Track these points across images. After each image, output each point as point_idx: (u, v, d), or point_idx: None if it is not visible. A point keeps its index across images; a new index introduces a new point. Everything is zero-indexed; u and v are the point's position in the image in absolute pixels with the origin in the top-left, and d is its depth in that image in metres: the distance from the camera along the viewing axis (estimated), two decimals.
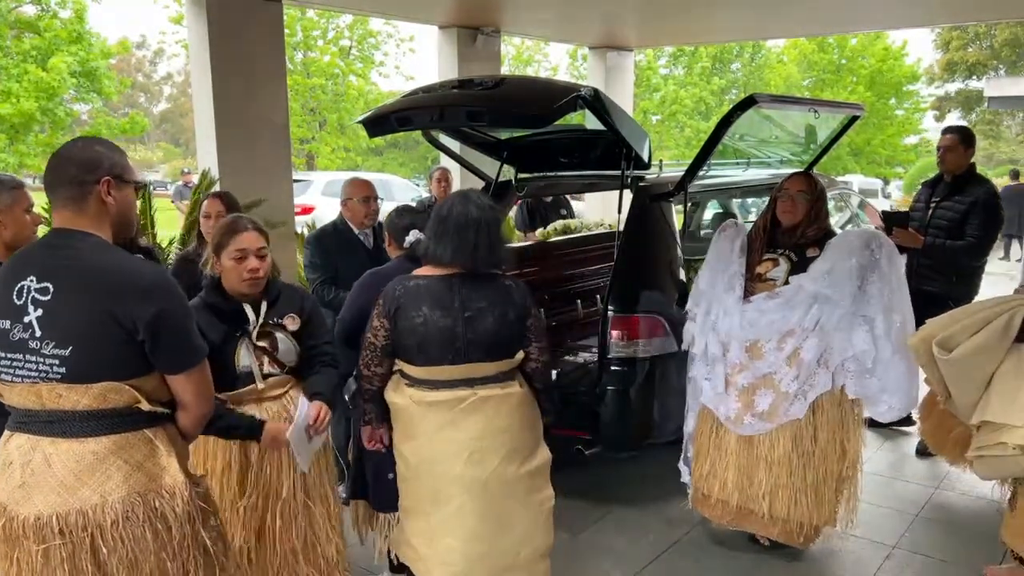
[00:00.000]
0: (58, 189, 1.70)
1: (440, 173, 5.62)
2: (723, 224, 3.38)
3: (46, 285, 1.64)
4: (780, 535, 3.05)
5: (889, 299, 2.88)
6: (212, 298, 2.34)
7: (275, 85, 5.22)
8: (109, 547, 1.64)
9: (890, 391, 2.91)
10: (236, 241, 2.32)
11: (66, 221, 1.70)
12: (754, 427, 2.98)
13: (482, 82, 3.28)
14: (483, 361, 2.28)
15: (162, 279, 1.72)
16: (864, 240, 2.94)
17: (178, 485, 1.73)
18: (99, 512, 1.64)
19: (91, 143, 1.76)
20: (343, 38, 22.79)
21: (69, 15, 14.94)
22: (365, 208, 3.57)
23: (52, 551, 1.63)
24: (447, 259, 2.27)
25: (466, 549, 2.29)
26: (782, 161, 5.04)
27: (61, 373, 1.63)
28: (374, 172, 21.69)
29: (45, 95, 14.20)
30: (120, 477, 1.67)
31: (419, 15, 7.23)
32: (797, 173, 3.22)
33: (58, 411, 1.65)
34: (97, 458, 1.66)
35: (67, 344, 1.62)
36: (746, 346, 3.01)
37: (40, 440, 1.68)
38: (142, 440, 1.71)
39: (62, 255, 1.67)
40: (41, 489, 1.65)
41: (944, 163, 3.99)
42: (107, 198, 1.71)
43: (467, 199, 2.33)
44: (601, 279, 4.61)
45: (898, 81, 24.89)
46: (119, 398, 1.67)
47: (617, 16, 7.29)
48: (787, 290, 2.97)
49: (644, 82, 23.98)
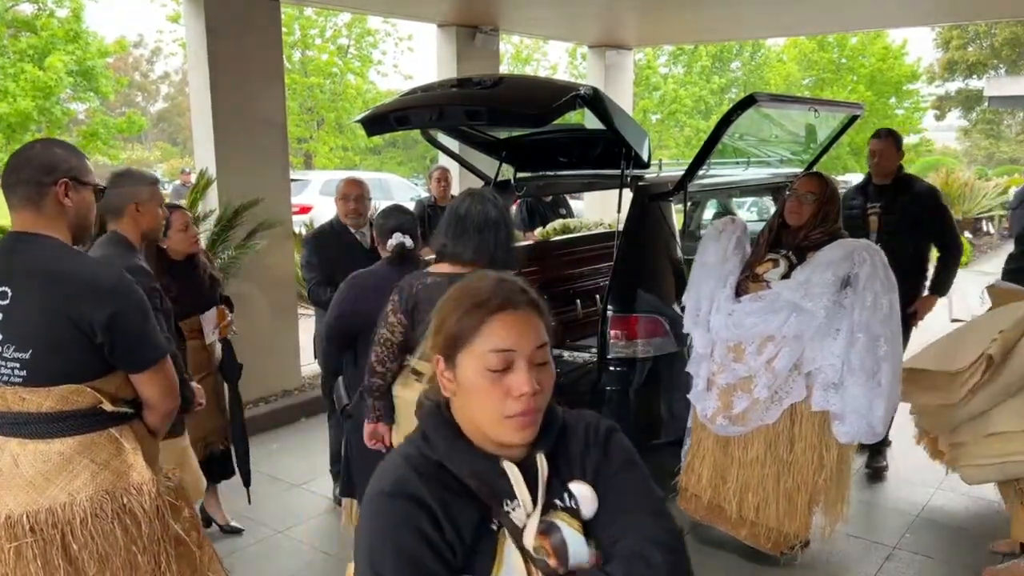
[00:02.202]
0: (16, 189, 1.71)
1: (439, 172, 5.60)
2: (720, 219, 3.36)
3: (4, 289, 1.66)
4: (747, 537, 3.04)
5: (859, 317, 2.76)
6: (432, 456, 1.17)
7: (273, 84, 5.20)
8: (80, 543, 1.68)
9: (848, 412, 2.81)
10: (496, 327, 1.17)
11: (24, 222, 1.72)
12: (727, 429, 2.99)
13: (481, 81, 3.26)
14: None
15: (118, 281, 1.73)
16: (847, 252, 2.83)
17: (145, 482, 1.76)
18: (68, 510, 1.68)
19: (50, 145, 1.77)
20: (341, 37, 22.74)
21: (66, 14, 14.89)
22: (344, 206, 3.57)
23: (24, 548, 1.66)
24: (467, 258, 2.30)
25: None
26: (782, 160, 5.02)
27: (23, 376, 1.65)
28: (372, 171, 21.69)
29: (42, 94, 14.15)
30: (87, 476, 1.70)
31: (417, 13, 7.21)
32: (810, 173, 3.18)
33: (23, 413, 1.68)
34: (63, 458, 1.69)
35: (27, 348, 1.64)
36: (729, 346, 3.00)
37: (8, 441, 1.71)
38: (107, 439, 1.74)
39: (20, 259, 1.68)
40: (11, 489, 1.68)
41: (880, 167, 3.91)
42: (64, 200, 1.72)
43: (484, 199, 2.37)
44: (600, 279, 4.59)
45: (898, 80, 24.86)
46: (81, 400, 1.69)
47: (616, 15, 7.27)
48: (768, 295, 2.93)
49: (643, 81, 23.96)
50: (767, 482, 2.93)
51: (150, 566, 1.76)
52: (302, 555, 3.30)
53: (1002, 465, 2.86)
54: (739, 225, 3.20)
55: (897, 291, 2.84)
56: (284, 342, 5.28)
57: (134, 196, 2.50)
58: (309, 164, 22.84)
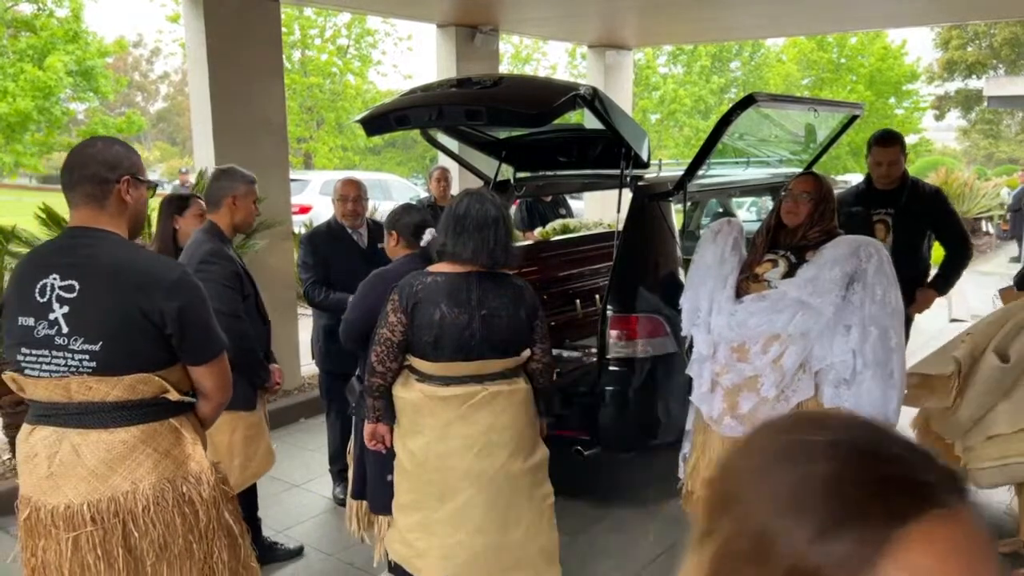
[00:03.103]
0: (79, 187, 1.74)
1: (439, 172, 5.61)
2: (717, 221, 3.36)
3: (71, 283, 1.69)
4: None
5: (869, 310, 2.77)
6: None
7: (272, 84, 5.20)
8: (140, 531, 1.70)
9: (864, 405, 2.80)
10: None
11: (85, 219, 1.75)
12: (734, 429, 2.99)
13: (480, 81, 3.26)
14: (494, 358, 2.34)
15: (182, 275, 1.78)
16: (852, 248, 2.85)
17: (204, 471, 1.81)
18: (130, 499, 1.70)
19: (110, 143, 1.81)
20: (341, 37, 22.74)
21: (66, 14, 14.89)
22: (341, 207, 3.57)
23: (83, 538, 1.68)
24: (467, 257, 2.31)
25: (471, 542, 2.32)
26: (781, 160, 5.03)
27: (92, 367, 1.68)
28: (372, 171, 21.68)
29: (41, 94, 14.16)
30: (150, 464, 1.73)
31: (417, 13, 7.21)
32: (804, 173, 3.19)
33: (87, 403, 1.70)
34: (127, 447, 1.72)
35: (97, 339, 1.68)
36: (733, 347, 3.00)
37: (67, 431, 1.72)
38: (168, 429, 1.77)
39: (84, 253, 1.72)
40: (70, 479, 1.69)
41: (889, 176, 3.74)
42: (126, 196, 1.77)
43: (483, 198, 2.38)
44: (600, 279, 4.59)
45: (897, 80, 24.87)
46: (148, 388, 1.73)
47: (616, 15, 7.27)
48: (773, 294, 2.94)
49: (643, 81, 23.97)
50: None
51: (202, 553, 1.79)
52: (302, 555, 3.30)
53: (1003, 468, 2.87)
54: (736, 226, 3.20)
55: (899, 286, 2.86)
56: (283, 342, 5.27)
57: (232, 190, 2.82)
58: (309, 164, 22.83)
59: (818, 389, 2.88)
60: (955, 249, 3.84)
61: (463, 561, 2.33)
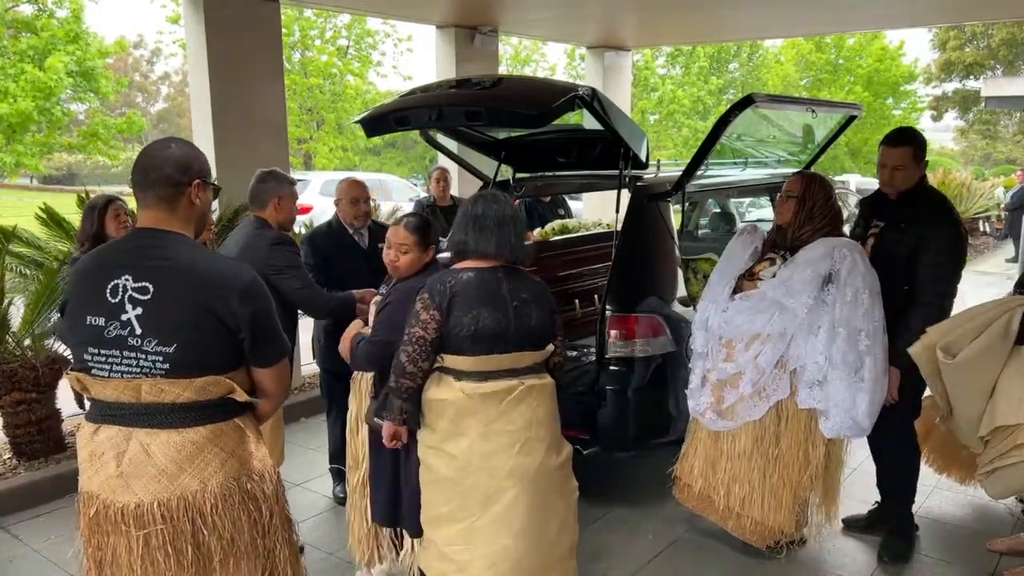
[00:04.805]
0: (152, 189, 1.75)
1: (439, 173, 5.62)
2: (741, 227, 3.39)
3: (145, 284, 1.70)
4: (734, 528, 3.10)
5: (840, 312, 2.79)
6: None
7: (272, 85, 5.21)
8: (209, 529, 1.73)
9: (831, 407, 2.83)
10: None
11: (155, 220, 1.76)
12: (715, 423, 3.06)
13: (480, 82, 3.27)
14: (527, 350, 2.39)
15: (254, 279, 1.79)
16: (827, 250, 2.86)
17: (267, 468, 1.85)
18: (199, 497, 1.73)
19: (183, 145, 1.81)
20: (340, 38, 22.75)
21: (66, 15, 14.90)
22: (354, 209, 3.57)
23: (153, 536, 1.70)
24: (491, 252, 2.38)
25: (515, 546, 2.32)
26: (780, 161, 5.05)
27: (165, 369, 1.70)
28: (372, 172, 21.70)
29: (42, 95, 14.16)
30: (217, 463, 1.76)
31: (417, 15, 7.22)
32: (795, 173, 3.22)
33: (155, 404, 1.72)
34: (196, 447, 1.74)
35: (171, 341, 1.69)
36: (722, 343, 3.06)
37: (134, 431, 1.73)
38: (233, 428, 1.81)
39: (157, 255, 1.73)
40: (140, 478, 1.71)
41: (894, 183, 2.99)
42: (195, 199, 1.78)
43: (497, 198, 2.45)
44: (599, 279, 4.60)
45: (895, 81, 24.92)
46: (217, 390, 1.75)
47: (615, 16, 7.28)
48: (756, 294, 3.00)
49: (642, 82, 23.99)
50: (753, 476, 2.98)
51: (265, 549, 1.83)
52: (302, 554, 3.31)
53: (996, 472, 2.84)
54: (759, 234, 3.23)
55: (878, 287, 2.82)
56: None
57: (278, 191, 3.10)
58: (309, 164, 22.84)
59: (795, 389, 2.90)
60: (921, 300, 2.89)
61: (507, 568, 2.31)
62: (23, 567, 3.21)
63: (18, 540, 3.42)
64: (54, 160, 24.42)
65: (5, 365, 3.93)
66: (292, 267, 3.09)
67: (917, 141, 2.99)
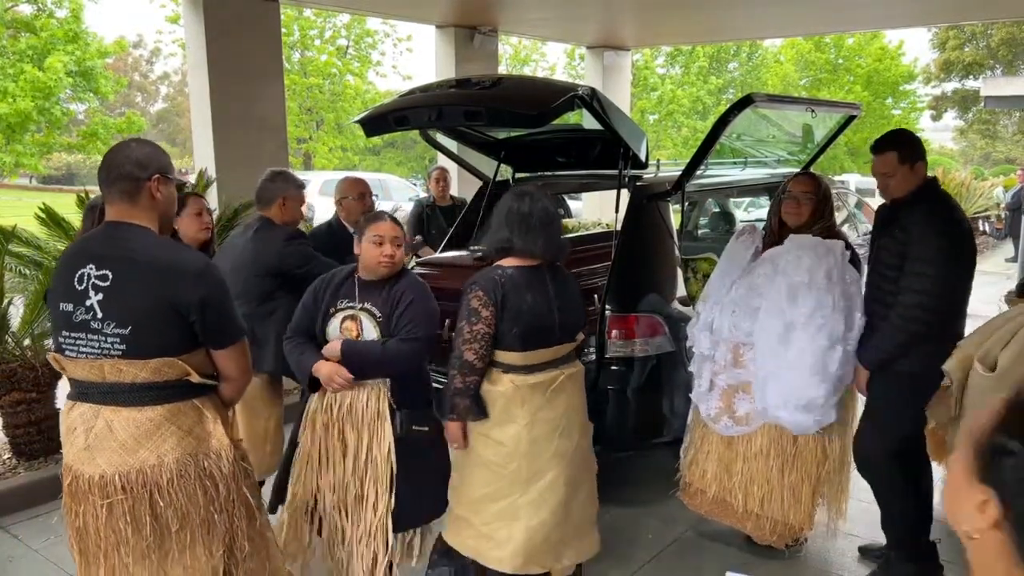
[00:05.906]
0: (114, 184, 1.90)
1: (438, 173, 5.62)
2: (741, 228, 3.39)
3: (105, 272, 1.85)
4: (753, 530, 3.09)
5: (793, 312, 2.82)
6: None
7: (272, 84, 5.22)
8: (165, 501, 1.86)
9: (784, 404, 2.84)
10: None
11: (120, 214, 1.91)
12: (731, 429, 3.05)
13: (480, 81, 3.28)
14: (566, 342, 2.53)
15: (206, 266, 1.93)
16: (810, 251, 2.89)
17: (224, 448, 1.96)
18: (156, 471, 1.86)
19: (143, 144, 1.98)
20: (340, 37, 22.76)
21: (65, 14, 14.90)
22: (361, 205, 3.58)
23: (115, 505, 1.85)
24: (538, 252, 2.46)
25: (552, 521, 2.47)
26: (779, 160, 5.05)
27: (122, 350, 1.84)
28: (371, 172, 21.69)
29: (41, 95, 14.15)
30: (174, 440, 1.89)
31: (416, 15, 7.23)
32: (801, 174, 3.22)
33: (118, 383, 1.86)
34: (153, 424, 1.88)
35: (127, 325, 1.84)
36: (730, 347, 3.05)
37: (101, 408, 1.88)
38: (191, 408, 1.93)
39: (119, 246, 1.88)
40: (104, 451, 1.86)
41: (886, 191, 2.80)
42: (156, 193, 1.92)
43: (540, 196, 2.51)
44: (598, 279, 4.60)
45: (895, 80, 24.92)
46: (172, 372, 1.88)
47: (614, 16, 7.29)
48: (761, 287, 3.01)
49: (641, 81, 23.99)
50: (772, 475, 2.97)
51: (224, 525, 1.95)
52: None
53: None
54: (759, 234, 3.24)
55: (858, 286, 2.86)
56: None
57: (284, 191, 3.18)
58: (308, 164, 22.85)
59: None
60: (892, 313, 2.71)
61: (542, 539, 2.46)
62: (22, 567, 3.21)
63: (18, 540, 3.42)
64: (53, 160, 24.43)
65: (5, 365, 3.93)
66: (311, 258, 3.15)
67: (901, 144, 2.74)
